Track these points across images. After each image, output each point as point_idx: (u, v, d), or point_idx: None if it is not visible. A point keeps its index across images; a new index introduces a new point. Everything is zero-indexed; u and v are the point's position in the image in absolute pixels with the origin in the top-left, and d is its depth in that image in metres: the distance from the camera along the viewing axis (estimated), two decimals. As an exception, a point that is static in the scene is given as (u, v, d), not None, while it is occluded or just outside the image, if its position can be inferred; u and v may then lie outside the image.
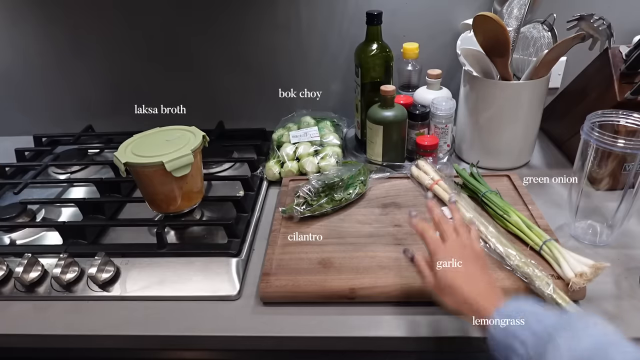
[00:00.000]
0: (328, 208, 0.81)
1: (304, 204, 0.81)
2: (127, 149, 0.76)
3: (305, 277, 0.68)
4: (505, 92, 0.88)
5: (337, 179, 0.84)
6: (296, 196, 0.82)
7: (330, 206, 0.81)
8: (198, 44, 1.09)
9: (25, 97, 1.19)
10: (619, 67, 0.83)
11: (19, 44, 1.11)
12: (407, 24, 1.04)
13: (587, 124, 0.69)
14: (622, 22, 0.96)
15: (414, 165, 0.91)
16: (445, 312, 0.55)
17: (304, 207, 0.80)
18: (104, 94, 1.17)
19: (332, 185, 0.83)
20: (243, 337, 0.63)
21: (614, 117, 0.71)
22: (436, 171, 0.88)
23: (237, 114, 1.17)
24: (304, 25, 1.06)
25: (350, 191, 0.83)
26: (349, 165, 0.90)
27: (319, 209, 0.81)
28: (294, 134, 1.00)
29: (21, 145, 1.10)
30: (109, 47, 1.11)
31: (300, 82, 1.13)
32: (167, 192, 0.77)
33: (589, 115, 0.71)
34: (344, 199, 0.83)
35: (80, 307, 0.69)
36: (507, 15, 0.88)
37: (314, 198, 0.81)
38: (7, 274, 0.72)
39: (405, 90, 1.04)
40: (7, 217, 0.85)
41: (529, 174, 0.92)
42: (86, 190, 0.97)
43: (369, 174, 0.90)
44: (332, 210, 0.82)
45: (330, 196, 0.82)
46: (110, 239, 0.81)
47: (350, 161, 0.96)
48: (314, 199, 0.81)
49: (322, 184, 0.82)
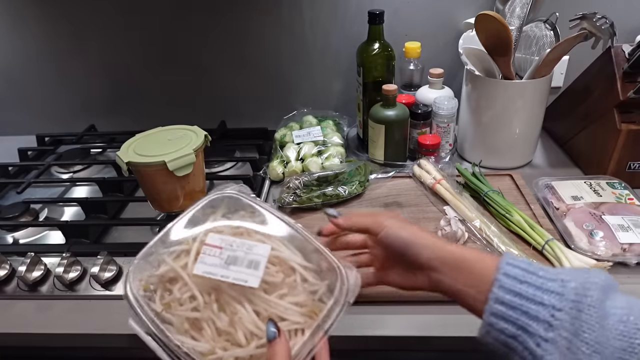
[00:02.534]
0: (318, 202, 0.82)
1: (293, 194, 0.81)
2: (130, 149, 0.76)
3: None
4: (508, 91, 0.87)
5: (331, 174, 0.84)
6: (286, 187, 0.83)
7: (321, 201, 0.82)
8: (201, 43, 1.09)
9: (28, 96, 1.19)
10: (622, 66, 0.82)
11: (21, 44, 1.11)
12: (409, 23, 1.04)
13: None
14: (625, 20, 0.96)
15: (415, 165, 0.90)
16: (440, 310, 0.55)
17: (292, 197, 0.81)
18: (106, 93, 1.18)
19: (326, 179, 0.84)
20: (245, 336, 0.63)
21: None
22: (438, 170, 0.87)
23: (239, 114, 1.17)
24: (306, 25, 1.06)
25: (344, 188, 0.83)
26: (350, 164, 0.90)
27: (308, 202, 0.81)
28: (297, 134, 1.00)
29: (24, 145, 1.11)
30: (112, 46, 1.11)
31: (302, 82, 1.13)
32: (169, 192, 0.77)
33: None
34: (334, 195, 0.83)
35: (82, 306, 0.69)
36: (510, 14, 0.88)
37: (304, 190, 0.82)
38: (10, 273, 0.72)
39: (407, 90, 1.04)
40: (10, 216, 0.85)
41: (532, 174, 0.91)
42: (89, 189, 0.97)
43: (369, 174, 0.90)
44: (321, 205, 0.82)
45: (322, 191, 0.82)
46: (113, 238, 0.81)
47: (353, 160, 0.95)
48: (303, 191, 0.81)
49: (314, 178, 0.83)
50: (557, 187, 0.82)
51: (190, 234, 0.52)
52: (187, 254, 0.50)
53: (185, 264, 0.49)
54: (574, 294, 0.36)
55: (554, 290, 0.37)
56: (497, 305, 0.39)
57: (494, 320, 0.39)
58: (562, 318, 0.36)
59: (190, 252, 0.49)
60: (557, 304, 0.36)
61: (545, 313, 0.36)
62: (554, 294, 0.37)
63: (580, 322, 0.35)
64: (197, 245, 0.50)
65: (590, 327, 0.35)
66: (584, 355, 0.34)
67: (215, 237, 0.50)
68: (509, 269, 0.40)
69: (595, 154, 0.90)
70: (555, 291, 0.37)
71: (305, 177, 0.84)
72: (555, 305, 0.36)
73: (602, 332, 0.34)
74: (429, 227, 0.77)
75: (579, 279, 0.37)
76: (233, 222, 0.53)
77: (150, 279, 0.50)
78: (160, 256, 0.51)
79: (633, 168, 0.85)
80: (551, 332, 0.36)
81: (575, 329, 0.35)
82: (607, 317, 0.35)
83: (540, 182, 0.85)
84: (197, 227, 0.52)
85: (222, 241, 0.50)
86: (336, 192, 0.83)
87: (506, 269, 0.40)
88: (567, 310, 0.36)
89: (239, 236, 0.51)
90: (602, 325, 0.35)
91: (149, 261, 0.51)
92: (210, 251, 0.49)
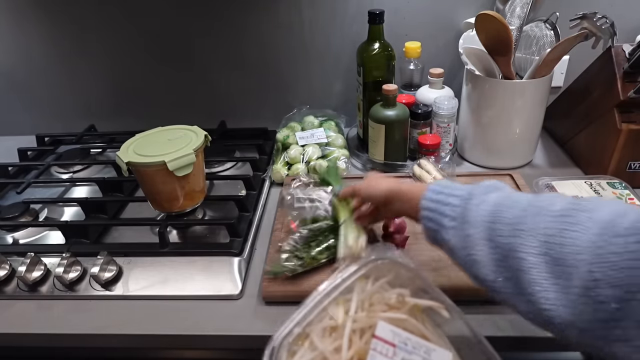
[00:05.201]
0: (324, 259, 0.69)
1: (294, 258, 0.68)
2: (130, 149, 0.76)
3: (307, 276, 0.68)
4: (508, 91, 0.87)
5: (323, 221, 0.73)
6: (281, 251, 0.70)
7: (325, 256, 0.69)
8: (200, 43, 1.09)
9: (28, 97, 1.19)
10: (622, 66, 0.82)
11: (22, 44, 1.11)
12: (409, 22, 1.04)
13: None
14: (625, 20, 0.96)
15: (415, 165, 0.90)
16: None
17: (294, 262, 0.67)
18: (106, 93, 1.18)
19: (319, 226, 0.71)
20: (245, 337, 0.63)
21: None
22: (438, 170, 0.87)
23: (239, 113, 1.17)
24: (306, 25, 1.06)
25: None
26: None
27: (313, 263, 0.68)
28: (300, 135, 1.00)
29: (24, 145, 1.10)
30: (112, 47, 1.11)
31: (302, 82, 1.13)
32: (169, 192, 0.77)
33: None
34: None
35: (82, 306, 0.69)
36: (510, 13, 0.88)
37: (304, 249, 0.69)
38: (10, 273, 0.72)
39: (407, 90, 1.04)
40: (10, 216, 0.85)
41: (532, 173, 0.91)
42: (89, 189, 0.97)
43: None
44: (328, 262, 0.69)
45: (326, 244, 0.69)
46: (113, 238, 0.81)
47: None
48: (304, 251, 0.69)
49: (308, 230, 0.71)
50: (558, 187, 0.82)
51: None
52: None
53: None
54: (467, 193, 0.50)
55: (459, 194, 0.50)
56: (423, 211, 0.52)
57: (424, 222, 0.52)
58: (457, 211, 0.49)
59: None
60: (456, 203, 0.50)
61: (448, 210, 0.50)
62: (458, 197, 0.50)
63: (465, 210, 0.48)
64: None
65: (469, 211, 0.48)
66: (467, 233, 0.47)
67: (386, 329, 0.40)
68: (432, 186, 0.54)
69: (595, 153, 0.90)
70: (459, 195, 0.50)
71: (298, 232, 0.72)
72: (454, 203, 0.50)
73: (477, 213, 0.47)
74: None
75: (476, 185, 0.51)
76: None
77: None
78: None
79: (633, 168, 0.85)
80: (452, 221, 0.49)
81: (463, 215, 0.48)
82: (482, 203, 0.47)
83: (541, 182, 0.85)
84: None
85: (395, 336, 0.39)
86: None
87: (430, 186, 0.54)
88: (461, 205, 0.49)
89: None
90: (478, 208, 0.47)
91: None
92: (381, 347, 0.38)
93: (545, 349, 0.62)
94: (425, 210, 0.52)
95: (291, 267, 0.67)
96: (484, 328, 0.61)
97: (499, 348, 0.61)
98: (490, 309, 0.62)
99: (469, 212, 0.48)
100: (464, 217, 0.48)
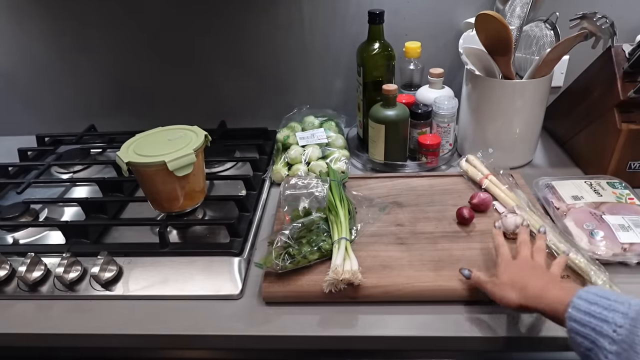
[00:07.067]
0: (314, 259, 0.69)
1: (286, 255, 0.67)
2: (130, 149, 0.76)
3: (308, 276, 0.68)
4: (508, 91, 0.87)
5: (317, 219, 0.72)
6: (275, 246, 0.68)
7: (316, 257, 0.69)
8: (200, 43, 1.09)
9: (28, 97, 1.19)
10: (622, 66, 0.82)
11: (22, 44, 1.11)
12: (409, 22, 1.04)
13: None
14: (625, 20, 0.96)
15: (463, 160, 0.91)
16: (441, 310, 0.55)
17: (285, 258, 0.67)
18: (107, 90, 1.18)
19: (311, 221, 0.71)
20: (245, 337, 0.63)
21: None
22: (486, 165, 0.88)
23: (239, 114, 1.17)
24: (306, 25, 1.06)
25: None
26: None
27: (304, 262, 0.68)
28: (301, 136, 1.00)
29: (24, 145, 1.10)
30: (112, 47, 1.11)
31: (302, 82, 1.13)
32: (169, 192, 0.77)
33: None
34: (328, 251, 0.70)
35: (82, 307, 0.69)
36: (510, 13, 0.88)
37: (295, 246, 0.68)
38: (10, 273, 0.72)
39: (407, 90, 1.04)
40: (10, 216, 0.85)
41: (532, 173, 0.91)
42: (89, 189, 0.97)
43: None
44: (316, 262, 0.70)
45: (318, 246, 0.69)
46: (113, 238, 0.81)
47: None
48: (295, 248, 0.68)
49: (300, 226, 0.71)
50: (558, 186, 0.82)
51: None
52: None
53: None
54: (635, 312, 0.43)
55: (619, 310, 0.44)
56: (572, 322, 0.46)
57: (573, 335, 0.46)
58: (623, 333, 0.42)
59: None
60: (619, 322, 0.43)
61: (608, 329, 0.43)
62: (619, 313, 0.43)
63: (633, 335, 0.41)
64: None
65: (639, 337, 0.40)
66: None
67: None
68: (583, 294, 0.47)
69: (595, 153, 0.90)
70: (620, 311, 0.44)
71: (291, 227, 0.70)
72: (617, 322, 0.43)
73: None
74: (429, 227, 0.77)
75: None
76: None
77: None
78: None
79: (633, 168, 0.85)
80: (614, 345, 0.42)
81: (631, 343, 0.41)
82: None
83: (541, 181, 0.85)
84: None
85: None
86: (329, 246, 0.70)
87: (581, 294, 0.47)
88: (627, 327, 0.42)
89: None
90: None
91: None
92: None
93: (546, 349, 0.62)
94: (574, 323, 0.46)
95: (282, 264, 0.66)
96: (482, 328, 0.61)
97: (498, 348, 0.62)
98: (490, 309, 0.62)
99: (638, 338, 0.41)
100: (633, 344, 0.41)
